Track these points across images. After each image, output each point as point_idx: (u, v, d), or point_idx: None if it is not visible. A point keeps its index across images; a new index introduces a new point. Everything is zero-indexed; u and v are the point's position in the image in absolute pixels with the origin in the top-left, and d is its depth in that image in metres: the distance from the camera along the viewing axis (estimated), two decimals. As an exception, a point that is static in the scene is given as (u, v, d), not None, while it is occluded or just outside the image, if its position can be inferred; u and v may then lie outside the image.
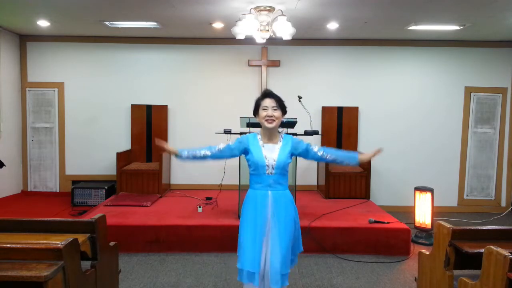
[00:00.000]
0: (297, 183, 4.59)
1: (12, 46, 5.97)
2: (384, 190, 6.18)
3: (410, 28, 5.22)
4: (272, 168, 2.65)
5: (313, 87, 6.12)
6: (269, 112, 2.63)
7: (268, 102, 2.66)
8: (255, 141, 2.70)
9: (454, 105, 6.18)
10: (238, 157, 3.50)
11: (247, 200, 2.75)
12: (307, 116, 4.75)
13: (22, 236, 2.60)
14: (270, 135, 2.70)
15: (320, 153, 2.75)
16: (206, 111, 6.19)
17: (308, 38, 6.01)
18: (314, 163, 6.15)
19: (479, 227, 2.76)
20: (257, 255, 2.60)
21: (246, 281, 2.60)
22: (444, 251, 2.70)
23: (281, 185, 2.69)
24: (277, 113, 2.64)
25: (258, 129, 3.04)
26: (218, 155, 2.77)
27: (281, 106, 2.68)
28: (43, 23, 5.27)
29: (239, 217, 4.43)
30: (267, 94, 2.71)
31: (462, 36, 5.77)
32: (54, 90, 6.20)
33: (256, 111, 2.73)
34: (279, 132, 2.76)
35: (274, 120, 2.64)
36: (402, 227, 4.33)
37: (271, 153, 2.66)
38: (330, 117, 6.14)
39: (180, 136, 6.22)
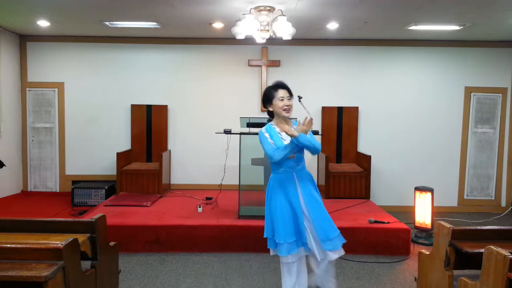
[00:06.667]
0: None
1: (12, 46, 5.97)
2: (384, 190, 6.18)
3: (410, 28, 5.21)
4: (294, 151, 2.81)
5: (313, 87, 6.12)
6: (286, 102, 2.85)
7: (283, 93, 2.86)
8: (274, 132, 2.87)
9: (454, 105, 6.18)
10: (238, 157, 4.43)
11: (274, 184, 2.89)
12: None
13: (22, 236, 2.61)
14: (285, 123, 2.88)
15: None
16: (206, 111, 6.20)
17: (308, 38, 6.01)
18: (314, 163, 6.16)
19: (479, 227, 2.76)
20: (289, 226, 2.78)
21: (285, 253, 2.77)
22: (444, 251, 2.70)
23: (302, 166, 2.91)
24: (291, 102, 2.88)
25: (257, 130, 3.23)
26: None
27: (291, 95, 2.91)
28: (43, 23, 5.27)
29: (239, 217, 4.48)
30: (281, 85, 2.90)
31: (462, 36, 5.76)
32: (54, 90, 6.20)
33: (269, 101, 2.88)
34: (289, 119, 2.95)
35: (290, 109, 2.87)
36: (402, 227, 4.34)
37: (289, 139, 2.80)
38: (330, 117, 6.14)
39: (180, 136, 6.23)
